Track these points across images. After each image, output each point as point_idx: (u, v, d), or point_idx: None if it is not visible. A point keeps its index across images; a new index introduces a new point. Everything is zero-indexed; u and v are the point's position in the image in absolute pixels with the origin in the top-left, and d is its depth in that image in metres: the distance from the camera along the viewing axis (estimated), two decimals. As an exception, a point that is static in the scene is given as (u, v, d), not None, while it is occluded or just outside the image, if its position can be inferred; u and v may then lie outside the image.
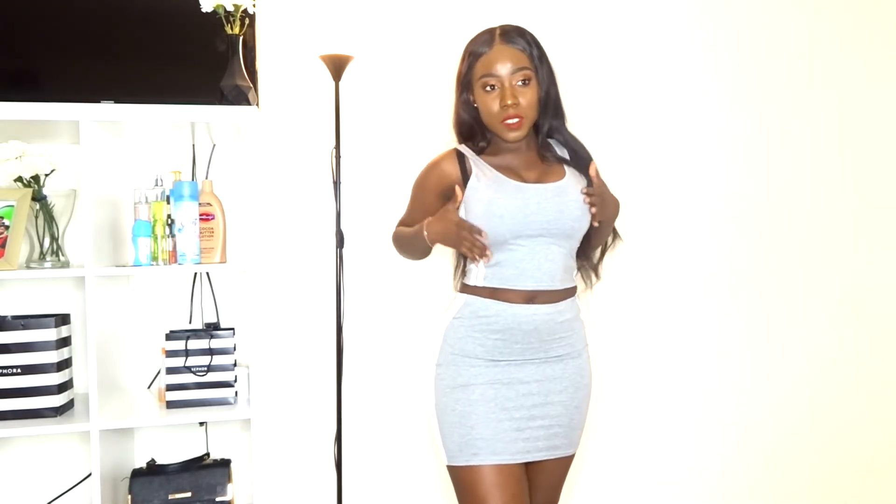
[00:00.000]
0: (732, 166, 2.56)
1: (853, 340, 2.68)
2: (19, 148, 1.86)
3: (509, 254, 1.54)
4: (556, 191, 1.55)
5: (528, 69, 1.54)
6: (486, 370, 1.56)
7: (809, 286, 2.64)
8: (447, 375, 1.59)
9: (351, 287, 2.28)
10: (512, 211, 1.51)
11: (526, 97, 1.53)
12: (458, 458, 1.54)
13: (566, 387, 1.60)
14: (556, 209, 1.53)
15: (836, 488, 2.70)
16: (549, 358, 1.59)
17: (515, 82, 1.53)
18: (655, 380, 2.53)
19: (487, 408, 1.54)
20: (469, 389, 1.55)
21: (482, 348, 1.57)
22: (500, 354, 1.57)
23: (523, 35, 1.58)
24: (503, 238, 1.53)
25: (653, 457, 2.55)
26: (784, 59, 2.58)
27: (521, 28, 1.61)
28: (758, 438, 2.62)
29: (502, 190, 1.53)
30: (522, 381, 1.57)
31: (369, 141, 2.30)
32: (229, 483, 1.99)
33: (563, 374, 1.60)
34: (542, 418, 1.57)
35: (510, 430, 1.54)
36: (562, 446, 1.61)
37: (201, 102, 1.79)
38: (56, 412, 1.83)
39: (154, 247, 1.88)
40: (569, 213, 1.53)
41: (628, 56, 2.46)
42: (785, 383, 2.63)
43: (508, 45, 1.56)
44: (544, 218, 1.52)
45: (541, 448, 1.58)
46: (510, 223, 1.51)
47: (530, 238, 1.53)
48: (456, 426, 1.55)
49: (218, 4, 1.76)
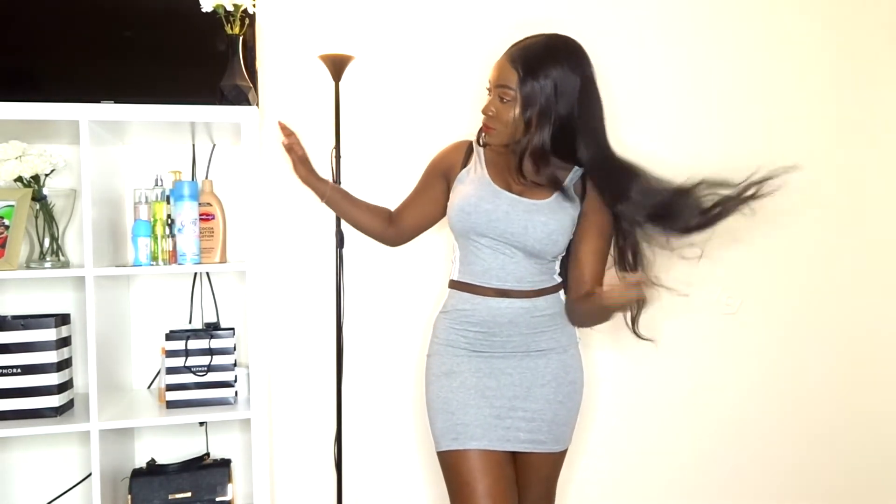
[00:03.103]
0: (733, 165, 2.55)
1: (853, 340, 2.68)
2: (19, 148, 1.86)
3: (476, 251, 1.62)
4: (530, 208, 1.58)
5: (508, 89, 1.55)
6: (470, 360, 1.63)
7: (809, 286, 2.63)
8: (434, 364, 1.67)
9: (351, 287, 2.28)
10: (479, 211, 1.58)
11: (502, 113, 1.57)
12: (442, 443, 1.61)
13: (549, 381, 1.63)
14: (522, 224, 1.57)
15: (836, 488, 2.69)
16: (531, 352, 1.63)
17: (498, 96, 1.57)
18: (655, 380, 2.53)
19: (468, 395, 1.60)
20: (452, 377, 1.62)
21: (465, 339, 1.64)
22: (481, 346, 1.62)
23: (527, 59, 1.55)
24: (466, 233, 1.61)
25: (652, 456, 2.55)
26: (783, 60, 2.58)
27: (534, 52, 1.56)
28: (758, 438, 2.62)
29: (479, 189, 1.60)
30: (505, 372, 1.62)
31: (369, 141, 2.30)
32: (229, 483, 1.99)
33: (545, 369, 1.63)
34: (524, 410, 1.61)
35: (490, 417, 1.59)
36: (547, 441, 1.63)
37: (201, 102, 1.79)
38: (56, 412, 1.83)
39: (154, 247, 1.88)
40: (532, 232, 1.56)
41: (628, 56, 2.46)
42: (785, 383, 2.63)
43: (507, 61, 1.57)
44: (507, 228, 1.57)
45: (523, 440, 1.61)
46: (474, 222, 1.58)
47: (494, 241, 1.60)
48: (440, 412, 1.62)
49: (218, 4, 1.76)
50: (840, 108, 2.63)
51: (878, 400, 2.72)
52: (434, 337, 1.71)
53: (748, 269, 2.57)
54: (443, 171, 1.74)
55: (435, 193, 1.77)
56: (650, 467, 2.55)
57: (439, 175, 1.75)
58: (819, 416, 2.66)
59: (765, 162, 2.55)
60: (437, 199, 1.77)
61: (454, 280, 1.69)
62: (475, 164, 1.67)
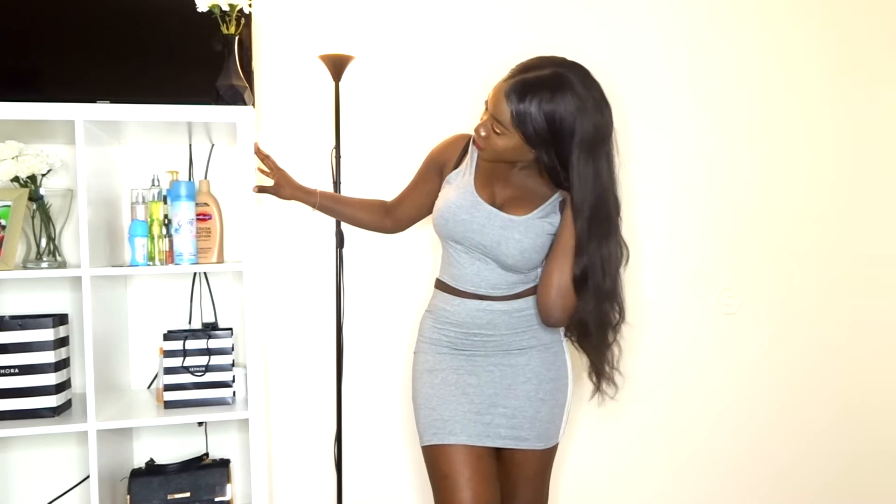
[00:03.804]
0: (733, 165, 2.54)
1: (853, 340, 2.67)
2: (16, 148, 1.85)
3: (454, 255, 1.64)
4: (507, 223, 1.57)
5: (500, 124, 1.48)
6: (452, 358, 1.65)
7: (809, 286, 2.62)
8: (419, 362, 1.70)
9: (351, 287, 2.28)
10: (457, 220, 1.59)
11: (493, 140, 1.52)
12: (424, 437, 1.63)
13: (529, 378, 1.63)
14: (495, 239, 1.57)
15: (836, 488, 2.68)
16: (512, 350, 1.63)
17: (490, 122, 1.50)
18: (655, 380, 2.52)
19: (449, 391, 1.62)
20: (434, 374, 1.65)
21: (446, 338, 1.66)
22: (462, 345, 1.64)
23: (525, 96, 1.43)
24: (444, 237, 1.64)
25: (649, 456, 2.54)
26: (782, 60, 2.57)
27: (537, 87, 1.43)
28: (756, 438, 2.61)
29: (460, 198, 1.60)
30: (486, 370, 1.63)
31: (369, 141, 2.29)
32: (228, 483, 1.99)
33: (526, 366, 1.63)
34: (505, 407, 1.62)
35: (469, 413, 1.60)
36: (529, 438, 1.63)
37: (197, 102, 1.78)
38: (54, 412, 1.83)
39: (151, 247, 1.87)
40: (505, 248, 1.56)
41: (627, 57, 2.45)
42: (785, 383, 2.62)
43: (504, 94, 1.45)
44: (481, 241, 1.58)
45: (504, 436, 1.61)
46: (451, 228, 1.60)
47: (469, 248, 1.61)
48: (423, 408, 1.65)
49: (213, 4, 1.75)
50: (840, 108, 2.61)
51: (879, 400, 2.70)
52: (420, 335, 1.74)
53: (748, 269, 2.56)
54: (439, 166, 1.74)
55: (430, 186, 1.77)
56: (646, 468, 2.54)
57: (436, 168, 1.75)
58: (819, 415, 2.65)
59: (764, 162, 2.56)
60: (431, 193, 1.76)
61: (438, 279, 1.72)
62: (467, 167, 1.66)
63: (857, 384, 2.68)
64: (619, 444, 2.51)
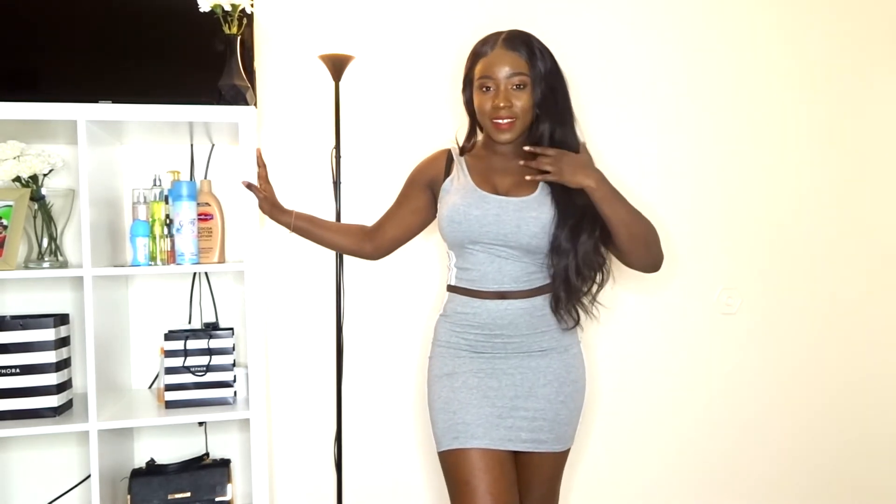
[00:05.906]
0: (733, 166, 2.55)
1: (853, 340, 2.67)
2: (17, 148, 1.85)
3: (470, 257, 1.62)
4: (520, 205, 1.58)
5: (524, 75, 1.56)
6: (471, 361, 1.63)
7: (809, 286, 2.63)
8: (436, 366, 1.68)
9: (351, 287, 2.28)
10: (470, 219, 1.58)
11: (520, 100, 1.57)
12: (443, 442, 1.60)
13: (550, 381, 1.62)
14: (514, 224, 1.57)
15: (836, 488, 2.69)
16: (532, 352, 1.62)
17: (510, 86, 1.56)
18: (655, 380, 2.52)
19: (470, 394, 1.60)
20: (454, 377, 1.63)
21: (465, 341, 1.64)
22: (482, 348, 1.62)
23: (527, 42, 1.59)
24: (460, 242, 1.62)
25: (654, 457, 2.55)
26: (783, 61, 2.57)
27: (527, 35, 1.61)
28: (760, 438, 2.62)
29: (467, 197, 1.60)
30: (506, 373, 1.62)
31: (369, 141, 2.30)
32: (229, 483, 1.99)
33: (547, 368, 1.63)
34: (526, 409, 1.61)
35: (491, 417, 1.58)
36: (548, 441, 1.62)
37: (199, 102, 1.78)
38: (55, 412, 1.83)
39: (152, 247, 1.87)
40: (526, 228, 1.57)
41: (627, 58, 2.45)
42: (786, 383, 2.63)
43: (508, 50, 1.57)
44: (500, 230, 1.57)
45: (525, 439, 1.60)
46: (466, 230, 1.59)
47: (488, 245, 1.60)
48: (441, 412, 1.62)
49: (215, 4, 1.75)
50: (840, 108, 2.62)
51: (880, 400, 2.71)
52: (435, 340, 1.71)
53: (748, 269, 2.57)
54: (426, 183, 1.73)
55: (417, 204, 1.76)
56: (646, 468, 2.54)
57: (422, 186, 1.74)
58: (820, 415, 2.66)
59: (765, 162, 2.56)
60: (418, 210, 1.76)
61: (452, 285, 1.68)
62: (458, 173, 1.66)
63: (857, 384, 2.68)
64: (619, 444, 2.51)
